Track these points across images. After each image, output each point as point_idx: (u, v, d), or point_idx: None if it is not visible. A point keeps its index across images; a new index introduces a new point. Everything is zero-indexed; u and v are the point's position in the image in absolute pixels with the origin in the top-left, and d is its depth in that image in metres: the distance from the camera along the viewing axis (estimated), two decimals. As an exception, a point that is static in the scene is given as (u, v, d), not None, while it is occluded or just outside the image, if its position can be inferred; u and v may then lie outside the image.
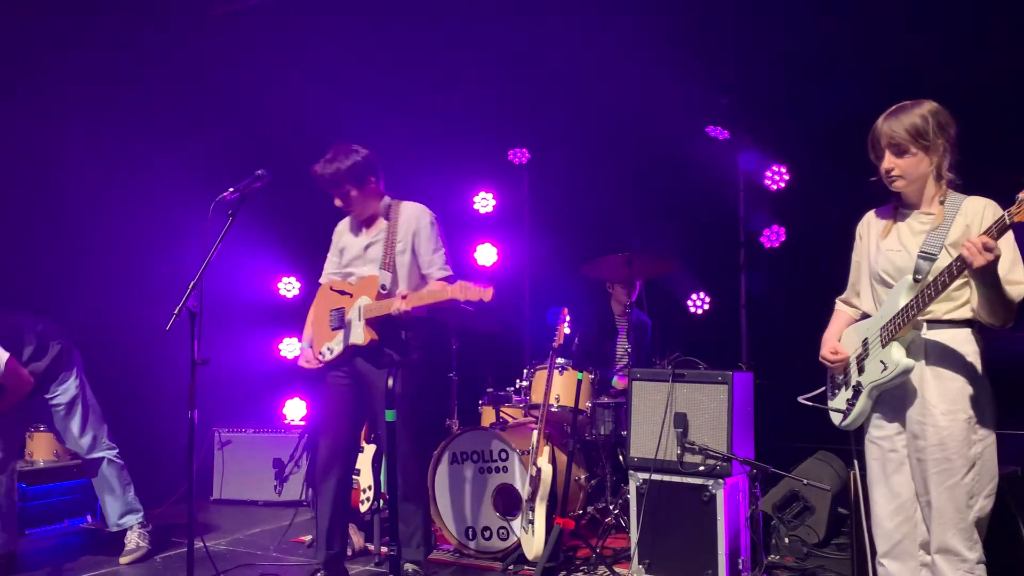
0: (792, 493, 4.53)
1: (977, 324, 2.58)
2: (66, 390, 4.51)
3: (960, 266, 2.39)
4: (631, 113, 5.89)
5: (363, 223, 3.99)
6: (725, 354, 5.46)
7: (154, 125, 6.10)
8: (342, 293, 3.86)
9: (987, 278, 2.41)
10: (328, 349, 3.87)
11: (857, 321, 2.88)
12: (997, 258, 2.33)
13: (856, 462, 2.96)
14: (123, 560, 4.47)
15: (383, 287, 3.79)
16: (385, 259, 3.85)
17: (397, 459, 3.58)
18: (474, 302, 3.50)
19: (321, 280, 4.12)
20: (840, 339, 2.89)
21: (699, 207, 5.99)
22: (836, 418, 2.83)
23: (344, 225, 4.10)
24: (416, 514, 3.88)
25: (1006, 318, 2.50)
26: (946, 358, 2.57)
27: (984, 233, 2.32)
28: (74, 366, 4.57)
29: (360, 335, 3.75)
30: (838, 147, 4.27)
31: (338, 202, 3.89)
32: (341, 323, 3.84)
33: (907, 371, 2.57)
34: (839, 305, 3.02)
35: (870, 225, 2.86)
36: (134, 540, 4.55)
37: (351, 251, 3.98)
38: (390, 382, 2.81)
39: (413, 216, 3.92)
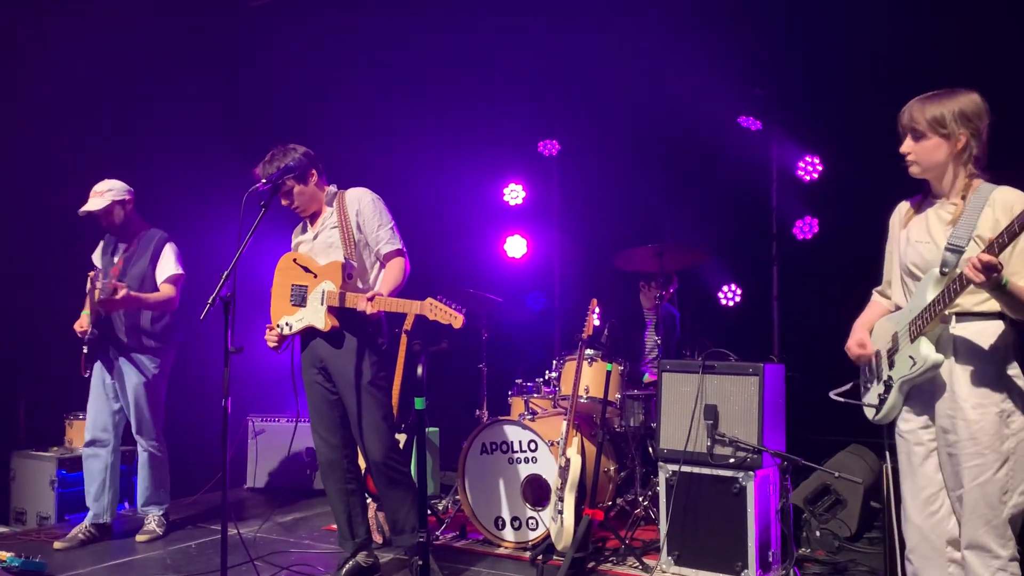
0: (824, 486, 4.49)
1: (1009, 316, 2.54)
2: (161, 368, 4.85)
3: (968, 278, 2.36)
4: (662, 104, 5.85)
5: (309, 219, 4.00)
6: (756, 346, 5.43)
7: (176, 114, 6.20)
8: (306, 270, 3.85)
9: (993, 291, 2.38)
10: (287, 324, 3.86)
11: (891, 312, 2.85)
12: (999, 273, 2.29)
13: (888, 456, 2.93)
14: (139, 538, 4.77)
15: (348, 275, 3.79)
16: (346, 246, 3.83)
17: (384, 446, 3.77)
18: (443, 324, 3.47)
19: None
20: (872, 330, 2.86)
21: (731, 198, 5.94)
22: (869, 413, 2.81)
23: (296, 231, 4.13)
24: (406, 500, 3.85)
25: None
26: (976, 351, 2.53)
27: (995, 239, 2.29)
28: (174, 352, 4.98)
29: (321, 320, 3.75)
30: (872, 138, 4.21)
31: (284, 201, 3.87)
32: (302, 301, 3.84)
33: (936, 366, 2.54)
34: (874, 295, 2.99)
35: (900, 215, 2.84)
36: (152, 525, 4.85)
37: (304, 246, 3.98)
38: (419, 370, 2.83)
39: (355, 198, 3.93)
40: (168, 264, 4.82)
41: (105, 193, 4.70)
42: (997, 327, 2.53)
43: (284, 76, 6.80)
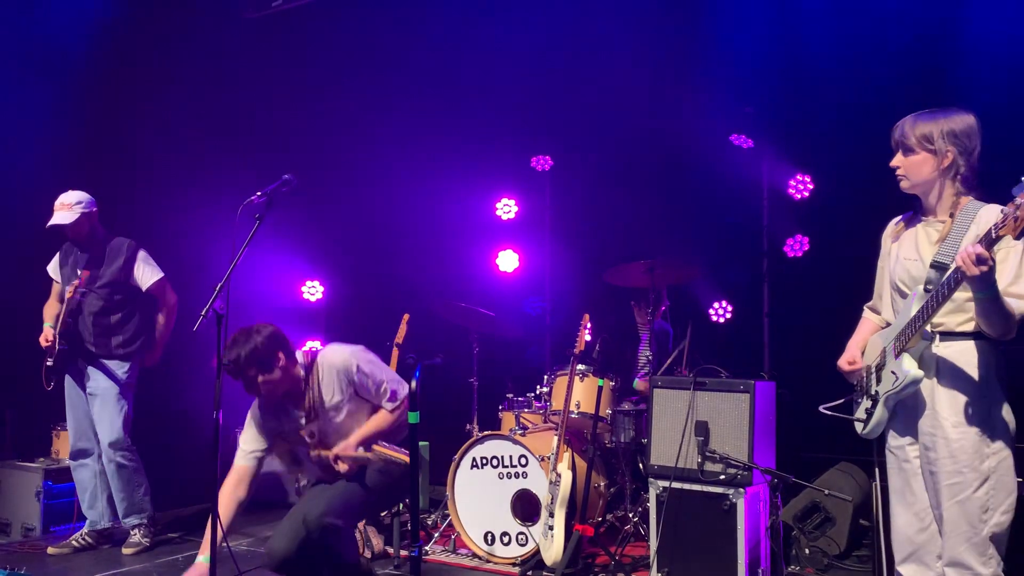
0: (813, 504, 4.50)
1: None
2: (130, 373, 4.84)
3: (958, 278, 2.38)
4: (655, 121, 5.88)
5: (286, 402, 3.57)
6: (747, 363, 5.44)
7: (174, 126, 6.20)
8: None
9: (983, 288, 2.39)
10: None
11: (883, 328, 2.87)
12: (991, 269, 2.31)
13: (878, 473, 2.95)
14: (125, 551, 4.72)
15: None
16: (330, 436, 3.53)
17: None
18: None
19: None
20: (866, 347, 2.88)
21: (722, 215, 5.97)
22: (858, 426, 2.84)
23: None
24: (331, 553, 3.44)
25: (1004, 330, 2.47)
26: (958, 371, 2.56)
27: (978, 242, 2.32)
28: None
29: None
30: (863, 156, 4.25)
31: (251, 390, 3.49)
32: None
33: (915, 382, 2.57)
34: (865, 312, 3.02)
35: (891, 232, 2.88)
36: (138, 537, 4.78)
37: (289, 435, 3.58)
38: (413, 384, 2.83)
39: (339, 369, 3.52)
40: (148, 271, 4.84)
41: (74, 206, 4.69)
42: (980, 347, 2.56)
43: (278, 89, 6.82)
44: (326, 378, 3.54)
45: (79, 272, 4.78)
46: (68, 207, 4.69)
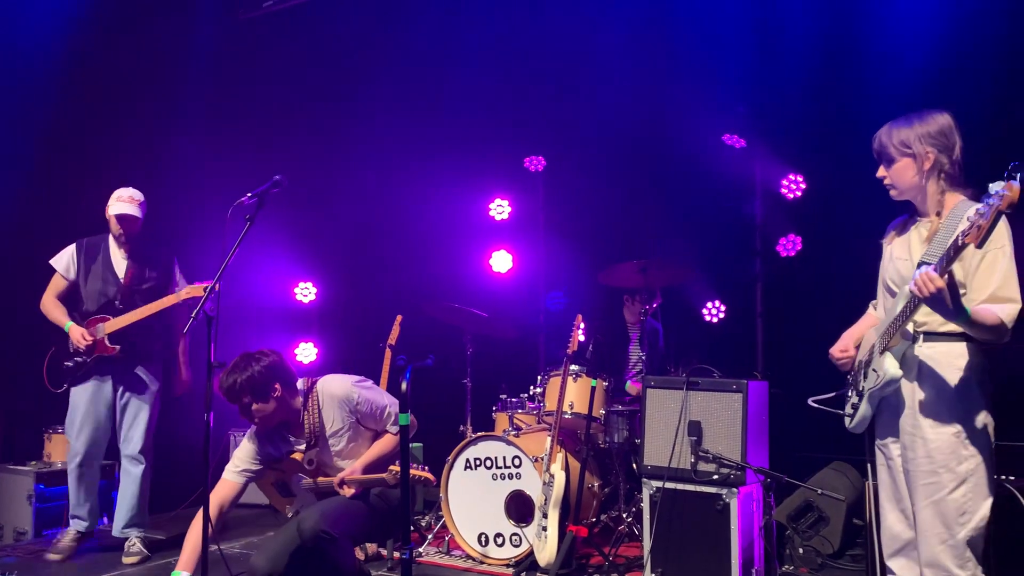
0: (807, 503, 4.50)
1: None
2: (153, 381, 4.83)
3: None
4: (648, 120, 5.88)
5: (283, 429, 3.60)
6: (740, 363, 5.44)
7: (166, 125, 6.18)
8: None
9: (939, 308, 2.39)
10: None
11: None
12: (941, 289, 2.29)
13: (871, 472, 2.95)
14: (126, 560, 4.62)
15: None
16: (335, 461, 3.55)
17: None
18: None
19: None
20: (862, 339, 2.89)
21: (715, 215, 5.97)
22: (846, 420, 2.87)
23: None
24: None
25: (995, 337, 2.45)
26: (938, 371, 2.56)
27: (943, 255, 2.32)
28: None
29: None
30: (855, 155, 4.25)
31: (245, 415, 3.51)
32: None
33: (893, 381, 2.59)
34: (869, 307, 3.04)
35: (889, 233, 2.89)
36: (139, 546, 4.70)
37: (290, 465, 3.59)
38: (403, 386, 2.82)
39: (341, 399, 3.53)
40: (183, 279, 4.89)
41: (140, 204, 4.71)
42: (962, 348, 2.56)
43: (270, 90, 6.80)
44: (326, 407, 3.54)
45: (120, 273, 4.71)
46: (136, 203, 4.70)
